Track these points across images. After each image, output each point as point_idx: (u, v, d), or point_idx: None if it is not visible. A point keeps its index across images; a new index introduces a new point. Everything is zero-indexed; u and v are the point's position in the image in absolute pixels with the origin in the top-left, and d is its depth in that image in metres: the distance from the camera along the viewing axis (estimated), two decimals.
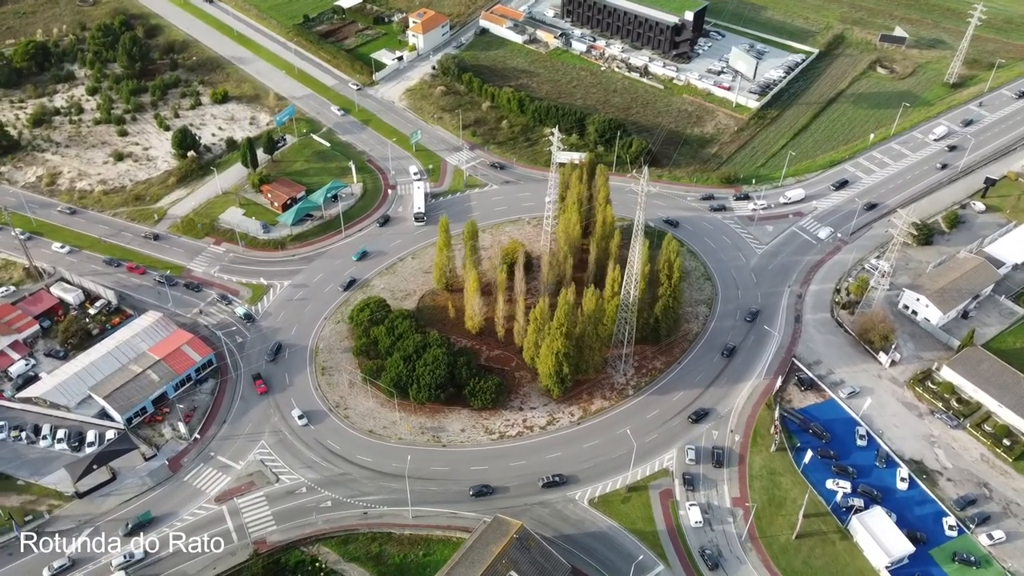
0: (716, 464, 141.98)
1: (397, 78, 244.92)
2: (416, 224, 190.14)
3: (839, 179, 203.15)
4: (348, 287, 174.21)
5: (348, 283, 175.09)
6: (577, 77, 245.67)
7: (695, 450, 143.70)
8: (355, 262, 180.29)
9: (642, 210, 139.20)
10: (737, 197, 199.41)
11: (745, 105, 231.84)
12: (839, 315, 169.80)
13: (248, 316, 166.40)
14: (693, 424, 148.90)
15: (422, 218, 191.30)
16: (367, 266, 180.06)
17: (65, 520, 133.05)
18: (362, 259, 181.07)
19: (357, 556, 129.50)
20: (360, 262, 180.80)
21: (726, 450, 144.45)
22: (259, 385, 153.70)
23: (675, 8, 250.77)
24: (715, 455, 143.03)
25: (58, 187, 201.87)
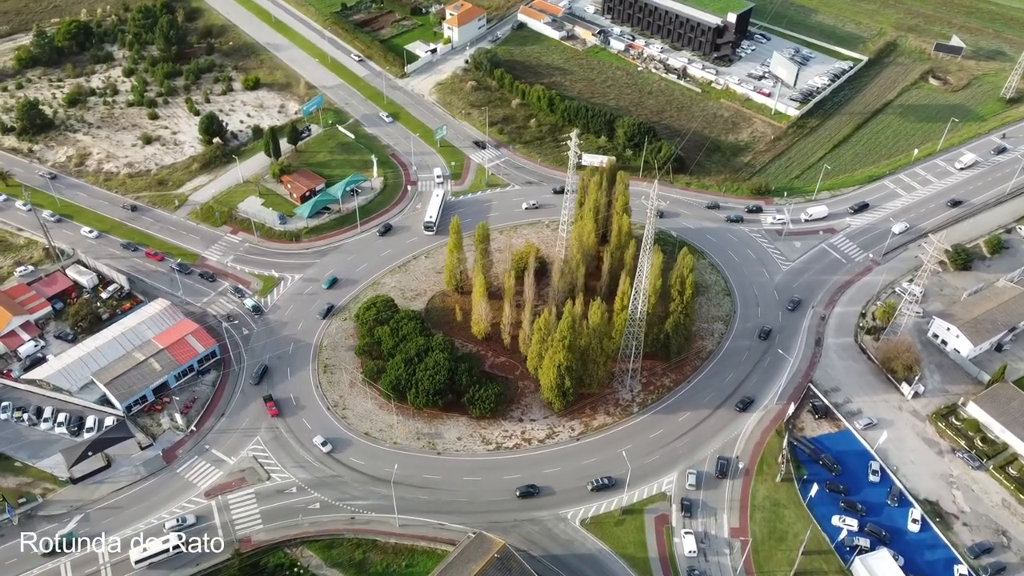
0: (720, 475, 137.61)
1: (429, 71, 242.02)
2: (425, 233, 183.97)
3: (859, 201, 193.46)
4: (327, 314, 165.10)
5: (326, 310, 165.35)
6: (612, 77, 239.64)
7: (696, 475, 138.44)
8: (327, 289, 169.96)
9: (652, 224, 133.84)
10: (750, 209, 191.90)
11: (784, 113, 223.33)
12: (863, 340, 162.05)
13: (257, 308, 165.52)
14: (697, 446, 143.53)
15: (432, 227, 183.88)
16: (376, 265, 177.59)
17: (57, 505, 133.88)
18: (332, 287, 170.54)
19: (340, 562, 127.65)
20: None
21: (730, 463, 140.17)
22: (270, 408, 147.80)
23: (718, 9, 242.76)
24: (719, 466, 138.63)
25: (86, 168, 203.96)
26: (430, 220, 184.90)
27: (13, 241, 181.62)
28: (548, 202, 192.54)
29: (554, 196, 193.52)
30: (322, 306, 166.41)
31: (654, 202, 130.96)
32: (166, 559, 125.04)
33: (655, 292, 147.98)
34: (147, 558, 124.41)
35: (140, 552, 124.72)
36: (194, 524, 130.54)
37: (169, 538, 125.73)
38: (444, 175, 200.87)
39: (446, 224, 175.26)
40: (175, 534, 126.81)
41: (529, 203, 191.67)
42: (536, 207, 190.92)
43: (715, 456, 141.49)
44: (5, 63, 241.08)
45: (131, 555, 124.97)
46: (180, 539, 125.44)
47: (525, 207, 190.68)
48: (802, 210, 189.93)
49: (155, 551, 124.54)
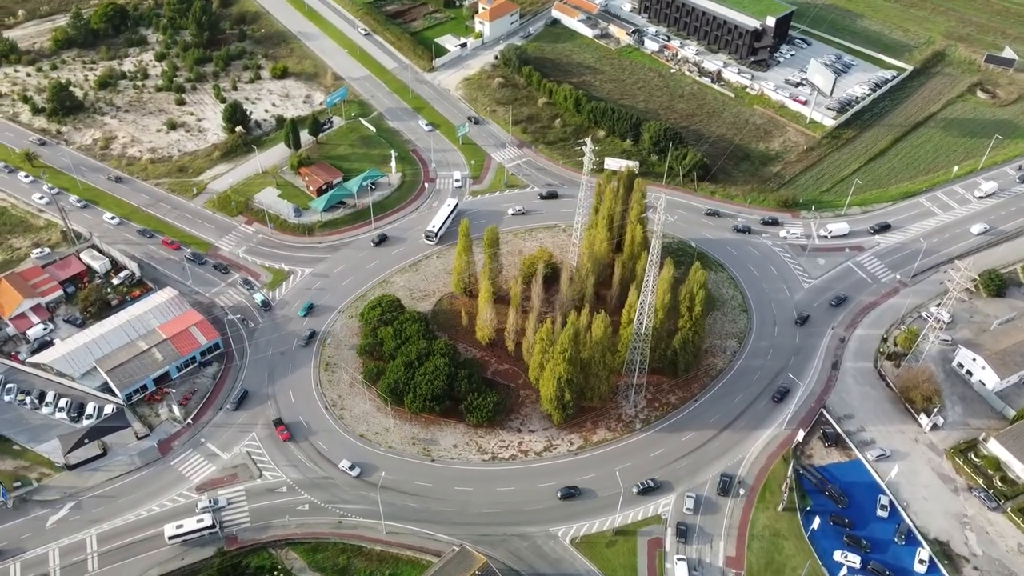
0: (721, 492, 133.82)
1: (457, 65, 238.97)
2: (426, 242, 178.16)
3: (880, 221, 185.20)
4: (308, 341, 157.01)
5: (308, 336, 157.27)
6: (644, 78, 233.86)
7: (694, 499, 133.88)
8: (304, 317, 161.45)
9: (659, 239, 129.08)
10: (765, 221, 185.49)
11: (820, 122, 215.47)
12: (882, 366, 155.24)
13: (265, 304, 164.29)
14: (698, 469, 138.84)
15: (433, 237, 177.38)
16: (388, 261, 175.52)
17: (51, 491, 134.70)
18: (309, 314, 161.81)
19: (324, 566, 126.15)
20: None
21: (733, 481, 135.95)
22: (281, 432, 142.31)
23: (758, 11, 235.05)
24: (722, 483, 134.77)
25: (110, 152, 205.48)
26: (431, 229, 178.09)
27: (33, 222, 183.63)
28: (534, 208, 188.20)
29: (540, 202, 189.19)
30: (303, 333, 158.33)
31: (661, 217, 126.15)
32: (196, 538, 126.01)
33: (663, 308, 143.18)
34: (181, 535, 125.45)
35: (174, 528, 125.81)
36: (225, 507, 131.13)
37: (204, 518, 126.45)
38: (464, 178, 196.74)
39: (454, 233, 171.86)
40: (209, 515, 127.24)
41: (515, 209, 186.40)
42: (522, 213, 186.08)
43: (717, 474, 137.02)
44: (43, 44, 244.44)
45: (165, 530, 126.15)
46: (214, 519, 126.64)
47: (511, 212, 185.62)
48: (823, 226, 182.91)
49: (190, 529, 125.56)
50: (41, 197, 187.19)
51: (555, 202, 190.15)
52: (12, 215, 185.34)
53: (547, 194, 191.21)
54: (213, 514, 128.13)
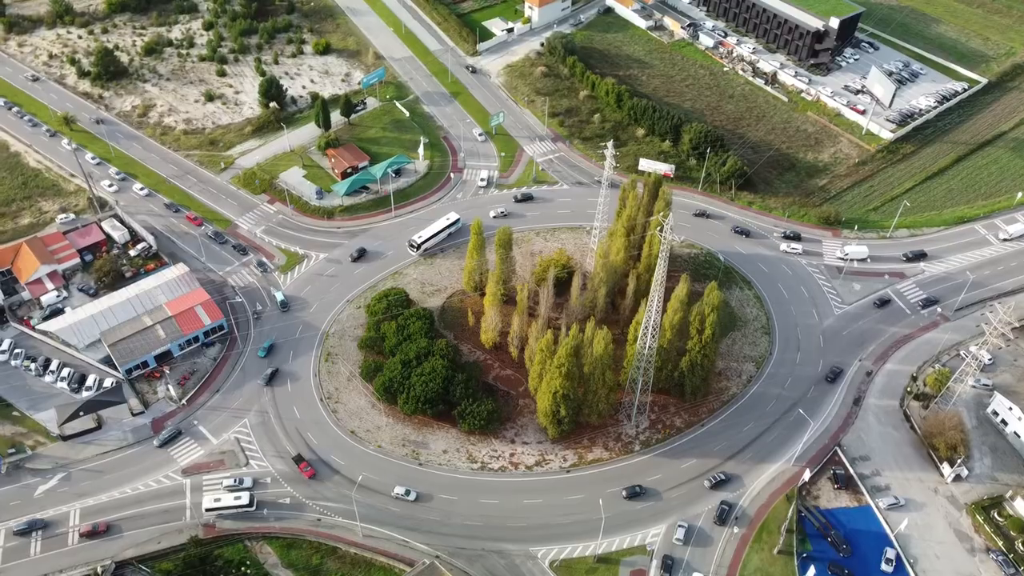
0: (718, 521, 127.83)
1: (502, 51, 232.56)
2: (410, 252, 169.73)
3: (915, 249, 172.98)
4: (269, 380, 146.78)
5: (270, 375, 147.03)
6: (694, 75, 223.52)
7: (685, 529, 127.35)
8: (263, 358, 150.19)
9: (665, 259, 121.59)
10: (787, 235, 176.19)
11: (876, 134, 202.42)
12: (908, 406, 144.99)
13: (284, 304, 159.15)
14: (694, 500, 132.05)
15: (416, 248, 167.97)
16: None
17: (44, 460, 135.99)
18: (268, 354, 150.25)
19: (296, 564, 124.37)
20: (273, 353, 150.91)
21: (733, 510, 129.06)
22: (304, 468, 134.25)
23: (822, 11, 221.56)
24: (720, 512, 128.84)
25: (147, 120, 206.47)
26: (418, 239, 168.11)
27: (64, 187, 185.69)
28: (514, 211, 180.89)
29: (516, 205, 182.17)
30: (264, 371, 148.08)
31: (668, 237, 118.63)
32: (232, 513, 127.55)
33: (671, 328, 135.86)
34: (217, 509, 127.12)
35: (212, 501, 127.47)
36: (251, 487, 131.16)
37: (242, 496, 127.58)
38: (490, 178, 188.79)
39: (449, 248, 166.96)
40: (247, 493, 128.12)
41: (497, 210, 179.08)
42: (504, 215, 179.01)
43: (716, 502, 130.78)
44: (97, 6, 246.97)
45: (203, 502, 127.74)
46: (252, 498, 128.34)
47: (492, 215, 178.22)
48: (840, 247, 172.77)
49: (227, 504, 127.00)
50: (93, 158, 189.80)
51: (532, 205, 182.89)
52: (45, 178, 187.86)
53: (522, 196, 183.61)
54: (251, 493, 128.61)
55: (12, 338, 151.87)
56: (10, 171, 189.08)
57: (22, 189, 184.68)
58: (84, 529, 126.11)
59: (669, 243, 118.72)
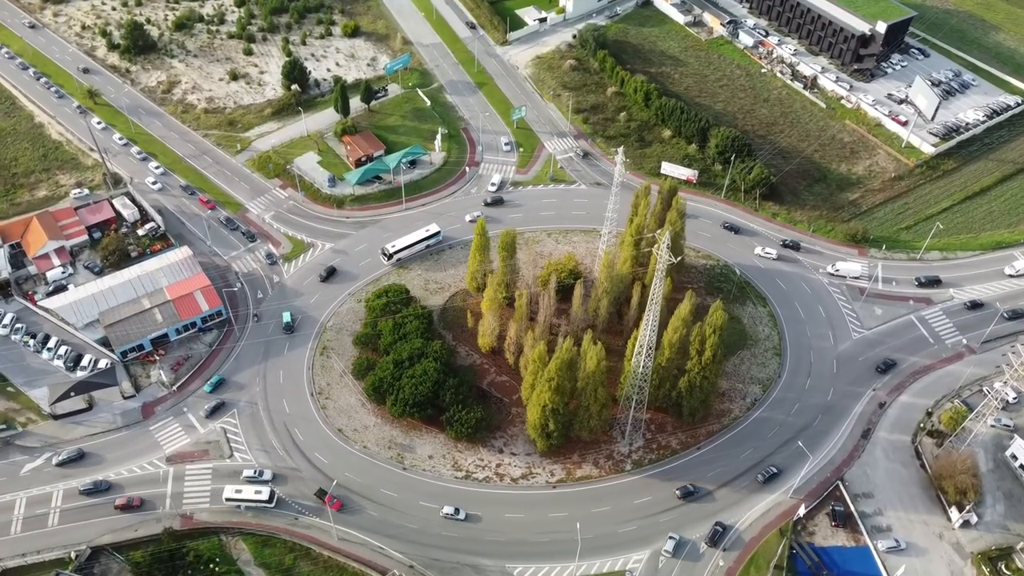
0: (710, 543, 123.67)
1: (532, 41, 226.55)
2: (382, 260, 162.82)
3: (930, 274, 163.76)
4: (212, 414, 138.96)
5: (211, 409, 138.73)
6: (729, 75, 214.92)
7: (676, 542, 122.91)
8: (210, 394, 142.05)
9: (661, 279, 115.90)
10: (785, 243, 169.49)
11: (917, 148, 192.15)
12: (921, 443, 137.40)
13: (289, 327, 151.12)
14: (683, 525, 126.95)
15: (390, 256, 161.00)
16: (374, 268, 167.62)
17: (33, 438, 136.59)
18: (216, 390, 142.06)
19: (269, 563, 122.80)
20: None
21: (728, 533, 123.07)
22: (329, 502, 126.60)
23: (870, 13, 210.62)
24: (713, 533, 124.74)
25: (171, 96, 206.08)
26: (391, 249, 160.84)
27: (83, 160, 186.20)
28: (489, 215, 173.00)
29: (486, 208, 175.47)
30: (207, 405, 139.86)
31: (664, 257, 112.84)
32: (251, 507, 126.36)
33: (670, 346, 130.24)
34: (237, 500, 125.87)
35: (233, 492, 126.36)
36: (270, 480, 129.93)
37: (262, 491, 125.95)
38: (502, 182, 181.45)
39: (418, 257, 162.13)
40: (267, 488, 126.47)
41: (472, 215, 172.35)
42: None
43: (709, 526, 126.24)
44: None
45: (225, 491, 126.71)
46: (272, 494, 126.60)
47: (469, 219, 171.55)
48: (833, 263, 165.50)
49: (246, 497, 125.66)
50: (121, 139, 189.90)
51: (505, 209, 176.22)
52: (65, 151, 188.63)
53: (492, 200, 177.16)
54: (272, 489, 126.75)
55: (15, 312, 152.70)
56: (32, 142, 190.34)
57: (42, 161, 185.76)
58: (119, 502, 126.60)
59: (666, 263, 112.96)
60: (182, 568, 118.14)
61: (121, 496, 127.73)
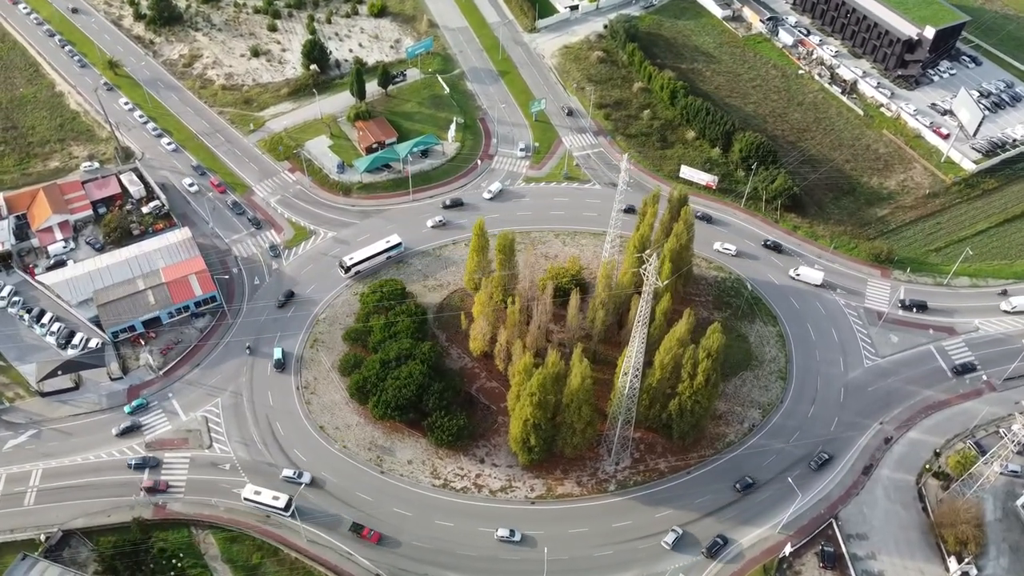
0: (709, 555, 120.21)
1: (561, 29, 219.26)
2: (340, 273, 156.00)
3: (915, 298, 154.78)
4: (122, 434, 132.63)
5: (124, 430, 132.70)
6: (763, 75, 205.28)
7: (676, 535, 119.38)
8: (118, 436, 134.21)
9: (648, 301, 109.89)
10: (766, 244, 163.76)
11: (957, 163, 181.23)
12: (925, 484, 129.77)
13: (280, 363, 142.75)
14: (661, 556, 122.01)
15: (347, 269, 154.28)
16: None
17: (19, 414, 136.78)
18: (136, 412, 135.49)
19: (236, 560, 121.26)
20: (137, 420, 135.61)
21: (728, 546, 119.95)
22: (367, 535, 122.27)
23: (919, 17, 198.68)
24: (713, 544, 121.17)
25: (191, 71, 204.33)
26: (349, 261, 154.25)
27: (98, 133, 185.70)
28: (449, 218, 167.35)
29: (444, 211, 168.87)
30: (120, 424, 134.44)
31: (651, 280, 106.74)
32: (267, 510, 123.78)
33: (662, 368, 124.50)
34: (253, 502, 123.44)
35: (252, 493, 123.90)
36: (308, 483, 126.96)
37: (280, 496, 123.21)
38: (497, 189, 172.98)
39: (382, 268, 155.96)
40: (286, 496, 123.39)
41: (435, 220, 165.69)
42: (442, 224, 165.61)
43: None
44: None
45: (244, 491, 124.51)
46: (289, 502, 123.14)
47: (431, 225, 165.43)
48: (795, 267, 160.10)
49: (264, 501, 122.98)
50: (141, 116, 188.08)
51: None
52: (82, 121, 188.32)
53: (451, 203, 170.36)
54: (290, 498, 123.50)
55: (14, 285, 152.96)
56: (51, 111, 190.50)
57: (58, 131, 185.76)
58: (146, 483, 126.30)
59: (653, 286, 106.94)
60: (146, 561, 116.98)
61: (149, 479, 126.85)
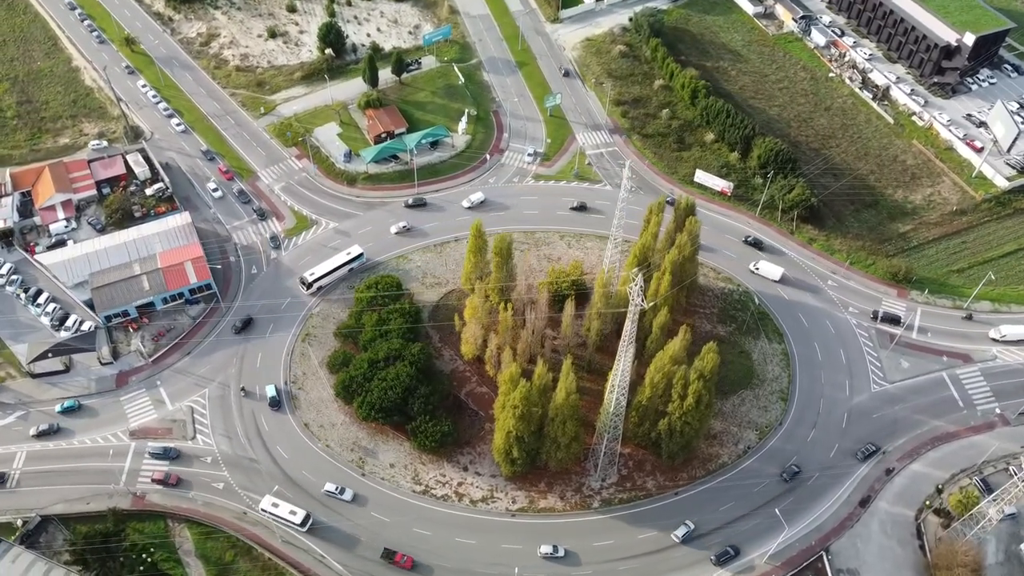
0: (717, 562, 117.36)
1: (586, 21, 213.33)
2: (302, 290, 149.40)
3: (890, 312, 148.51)
4: (40, 436, 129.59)
5: (42, 431, 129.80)
6: (791, 77, 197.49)
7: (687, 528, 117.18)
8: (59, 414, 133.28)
9: (633, 321, 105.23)
10: (747, 240, 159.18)
11: (989, 179, 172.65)
12: (925, 521, 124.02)
13: (275, 401, 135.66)
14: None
15: (309, 285, 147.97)
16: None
17: (9, 394, 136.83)
18: (43, 437, 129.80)
19: (209, 556, 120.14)
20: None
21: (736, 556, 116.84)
22: (400, 560, 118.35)
23: (960, 22, 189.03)
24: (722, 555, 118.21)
25: (207, 50, 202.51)
26: (310, 276, 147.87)
27: (110, 110, 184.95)
28: (417, 224, 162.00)
29: (406, 211, 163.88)
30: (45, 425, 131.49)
31: (636, 301, 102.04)
32: (282, 522, 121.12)
33: (652, 386, 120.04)
34: (271, 514, 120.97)
35: (270, 505, 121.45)
36: (350, 500, 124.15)
37: (297, 512, 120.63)
38: (477, 202, 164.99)
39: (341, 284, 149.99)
40: (303, 512, 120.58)
41: (399, 226, 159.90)
42: (407, 230, 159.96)
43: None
44: None
45: (263, 502, 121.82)
46: (307, 518, 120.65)
47: (395, 231, 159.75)
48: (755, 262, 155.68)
49: (280, 514, 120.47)
50: (154, 96, 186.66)
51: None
52: (95, 98, 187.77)
53: (413, 202, 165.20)
54: (307, 514, 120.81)
55: (14, 263, 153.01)
56: (65, 86, 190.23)
57: (71, 107, 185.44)
58: (157, 476, 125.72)
59: (640, 308, 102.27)
60: (117, 554, 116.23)
61: (159, 472, 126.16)
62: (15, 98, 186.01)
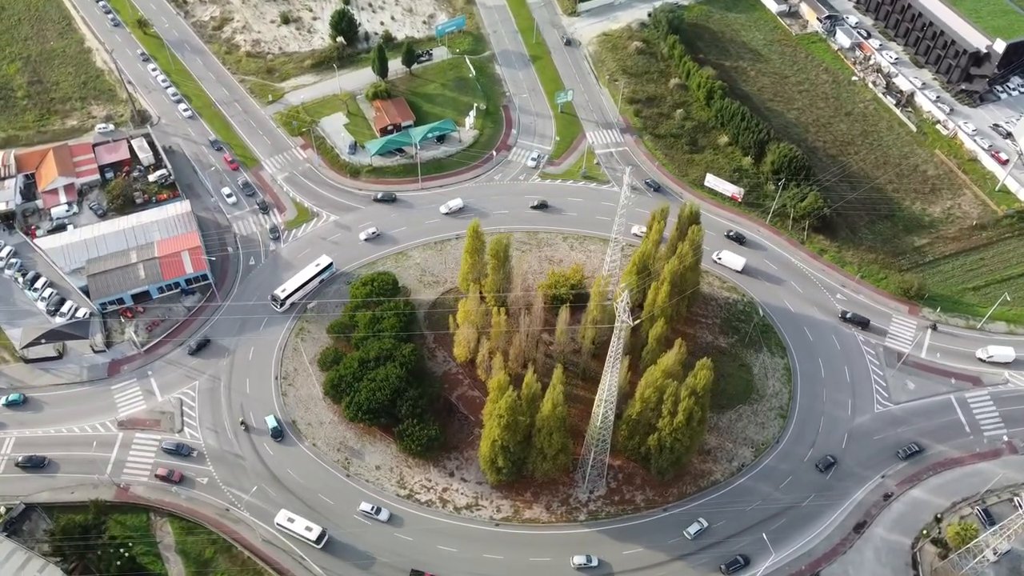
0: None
1: (604, 14, 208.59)
2: (274, 307, 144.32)
3: (860, 316, 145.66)
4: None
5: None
6: (813, 79, 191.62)
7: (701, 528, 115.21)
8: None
9: (620, 338, 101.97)
10: (729, 235, 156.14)
11: (1013, 193, 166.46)
12: (922, 550, 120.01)
13: (277, 431, 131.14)
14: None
15: (282, 302, 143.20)
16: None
17: (2, 378, 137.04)
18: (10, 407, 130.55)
19: (189, 552, 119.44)
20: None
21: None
22: None
23: (992, 27, 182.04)
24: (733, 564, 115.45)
25: (219, 34, 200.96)
26: (281, 293, 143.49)
27: (119, 93, 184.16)
28: (386, 229, 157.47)
29: (375, 204, 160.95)
30: None
31: (623, 317, 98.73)
32: (294, 538, 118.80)
33: (642, 400, 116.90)
34: (287, 529, 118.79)
35: (285, 519, 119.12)
36: (386, 520, 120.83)
37: (313, 528, 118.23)
38: (458, 207, 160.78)
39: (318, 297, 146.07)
40: (318, 529, 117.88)
41: (368, 232, 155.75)
42: (376, 235, 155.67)
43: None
44: None
45: (278, 516, 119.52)
46: (323, 535, 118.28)
47: (364, 237, 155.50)
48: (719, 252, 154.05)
49: (295, 530, 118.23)
50: (164, 81, 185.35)
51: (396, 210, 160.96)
52: (105, 80, 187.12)
53: (382, 196, 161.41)
54: (323, 531, 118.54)
55: (14, 246, 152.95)
56: (76, 68, 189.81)
57: (81, 89, 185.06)
58: (161, 471, 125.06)
59: (628, 325, 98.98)
60: (96, 546, 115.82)
61: (163, 467, 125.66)
62: (26, 78, 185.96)
